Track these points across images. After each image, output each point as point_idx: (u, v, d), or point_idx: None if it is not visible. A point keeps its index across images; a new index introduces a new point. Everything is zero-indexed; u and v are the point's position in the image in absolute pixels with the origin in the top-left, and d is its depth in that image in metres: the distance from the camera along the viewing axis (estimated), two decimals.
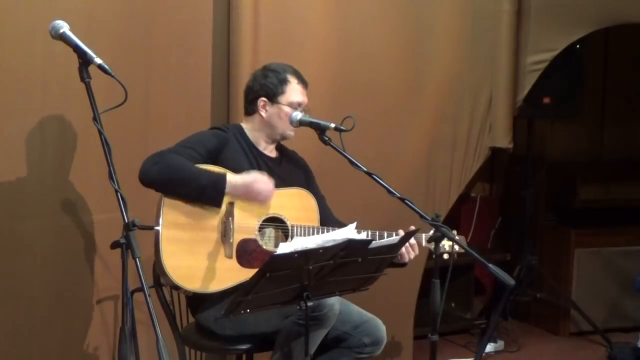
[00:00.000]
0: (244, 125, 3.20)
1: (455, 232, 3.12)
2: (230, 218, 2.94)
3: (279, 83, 3.12)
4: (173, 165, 2.88)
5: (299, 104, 3.13)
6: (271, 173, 3.10)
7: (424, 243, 3.04)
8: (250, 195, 2.94)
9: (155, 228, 2.86)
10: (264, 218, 3.02)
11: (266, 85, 3.13)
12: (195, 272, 2.90)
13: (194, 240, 2.91)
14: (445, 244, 3.07)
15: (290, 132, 3.16)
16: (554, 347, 4.91)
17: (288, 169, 3.23)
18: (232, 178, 2.93)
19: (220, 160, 3.03)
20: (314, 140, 3.06)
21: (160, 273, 2.91)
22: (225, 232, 2.94)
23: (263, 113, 3.14)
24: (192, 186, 2.89)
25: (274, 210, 3.02)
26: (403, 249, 2.97)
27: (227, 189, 2.92)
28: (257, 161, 3.13)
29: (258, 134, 3.17)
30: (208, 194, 2.91)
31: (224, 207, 2.95)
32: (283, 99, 3.12)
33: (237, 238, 2.96)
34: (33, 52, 3.20)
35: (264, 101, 3.13)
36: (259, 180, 2.94)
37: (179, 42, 3.60)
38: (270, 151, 3.21)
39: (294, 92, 3.13)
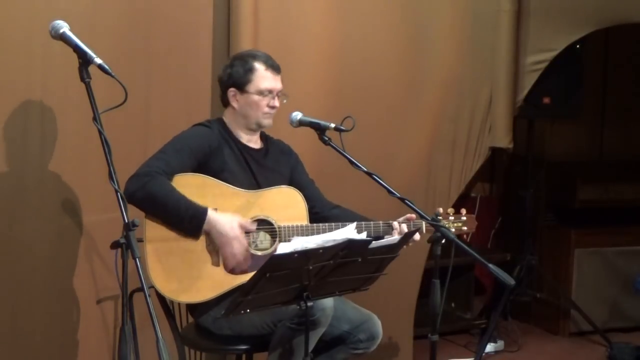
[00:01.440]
0: (224, 118, 3.17)
1: (463, 210, 3.14)
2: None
3: (245, 72, 3.07)
4: (155, 193, 2.83)
5: (269, 91, 3.07)
6: (257, 165, 3.10)
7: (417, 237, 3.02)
8: (221, 245, 2.90)
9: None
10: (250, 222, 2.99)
11: (233, 75, 3.09)
12: (184, 285, 2.89)
13: (180, 252, 2.90)
14: (452, 226, 3.11)
15: (265, 120, 3.10)
16: (554, 347, 4.91)
17: (274, 159, 3.19)
18: (213, 217, 2.88)
19: (208, 158, 3.00)
20: (314, 140, 3.06)
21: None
22: (211, 241, 2.93)
23: (234, 103, 3.10)
24: (172, 218, 2.87)
25: (259, 212, 3.00)
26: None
27: (205, 226, 2.88)
28: (243, 154, 3.09)
29: (236, 125, 3.13)
30: (186, 228, 2.89)
31: None
32: (251, 87, 3.07)
33: None
34: (33, 52, 3.20)
35: (234, 91, 3.10)
36: (239, 239, 2.89)
37: (179, 42, 3.60)
38: (255, 142, 3.17)
39: (261, 79, 3.07)
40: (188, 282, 2.90)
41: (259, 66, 3.08)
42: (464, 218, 3.16)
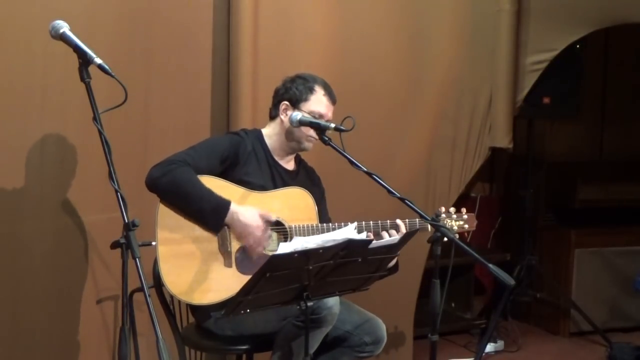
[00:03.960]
0: (264, 131, 3.17)
1: (464, 210, 3.18)
2: (227, 227, 2.93)
3: (305, 90, 3.10)
4: (181, 181, 2.84)
5: (321, 115, 3.08)
6: (284, 185, 3.10)
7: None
8: (244, 236, 2.90)
9: (153, 243, 2.85)
10: None
11: (292, 90, 3.11)
12: (196, 286, 2.88)
13: (192, 254, 2.89)
14: (454, 224, 3.14)
15: (307, 142, 3.12)
16: (554, 347, 4.91)
17: (303, 184, 3.18)
18: (235, 209, 2.89)
19: (231, 166, 3.01)
20: (314, 140, 3.07)
21: (164, 288, 2.91)
22: (222, 242, 2.93)
23: (283, 117, 3.11)
24: (194, 207, 2.87)
25: (271, 212, 3.00)
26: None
27: (227, 219, 2.89)
28: (271, 170, 3.10)
29: (276, 141, 3.14)
30: (207, 219, 2.89)
31: None
32: (305, 106, 3.08)
33: (235, 246, 2.94)
34: (33, 52, 3.20)
35: (286, 105, 3.11)
36: (261, 228, 2.91)
37: (179, 43, 3.60)
38: (287, 162, 3.18)
39: (318, 102, 3.10)
40: (201, 284, 2.89)
41: (319, 89, 3.11)
42: (466, 216, 3.19)
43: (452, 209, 3.18)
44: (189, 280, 2.88)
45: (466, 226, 3.20)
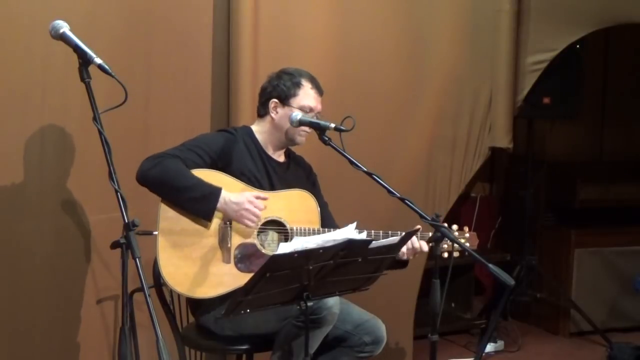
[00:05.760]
0: (254, 127, 3.18)
1: (466, 228, 3.15)
2: (228, 222, 2.93)
3: (292, 86, 3.10)
4: (170, 171, 2.86)
5: (311, 109, 3.10)
6: (278, 178, 3.10)
7: (425, 248, 3.01)
8: (238, 217, 2.90)
9: (154, 233, 2.86)
10: (263, 222, 2.99)
11: (279, 87, 3.11)
12: (192, 279, 2.89)
13: (191, 246, 2.90)
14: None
15: (299, 137, 3.13)
16: (554, 347, 4.91)
17: (295, 174, 3.20)
18: (226, 195, 2.90)
19: (226, 162, 3.01)
20: (314, 140, 3.07)
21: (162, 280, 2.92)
22: (223, 237, 2.94)
23: (274, 115, 3.12)
24: (185, 196, 2.88)
25: (273, 213, 3.00)
26: (404, 248, 2.96)
27: (219, 205, 2.89)
28: (265, 164, 3.11)
29: (267, 137, 3.15)
30: (199, 207, 2.90)
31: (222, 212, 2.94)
32: (294, 102, 3.09)
33: (235, 243, 2.95)
34: (33, 52, 3.20)
35: (275, 102, 3.12)
36: (254, 203, 2.90)
37: (179, 42, 3.60)
38: (279, 156, 3.19)
39: (306, 96, 3.11)
40: (198, 277, 2.90)
41: (306, 83, 3.12)
42: (467, 235, 3.14)
43: (454, 227, 3.13)
44: (185, 272, 2.89)
45: (467, 244, 3.15)
